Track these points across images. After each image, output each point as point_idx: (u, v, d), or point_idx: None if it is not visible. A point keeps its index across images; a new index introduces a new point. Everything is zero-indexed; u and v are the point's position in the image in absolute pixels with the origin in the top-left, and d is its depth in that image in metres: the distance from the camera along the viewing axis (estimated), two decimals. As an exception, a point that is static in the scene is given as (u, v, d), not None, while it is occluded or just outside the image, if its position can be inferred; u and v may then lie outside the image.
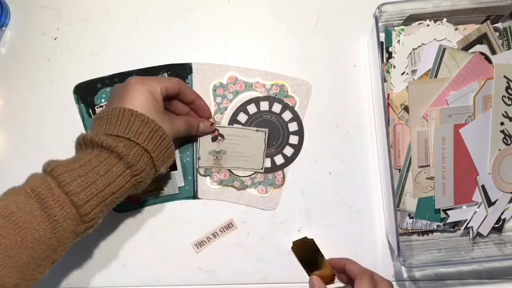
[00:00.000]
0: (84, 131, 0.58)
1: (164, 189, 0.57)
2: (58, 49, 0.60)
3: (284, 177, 0.58)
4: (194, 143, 0.58)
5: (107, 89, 0.58)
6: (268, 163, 0.58)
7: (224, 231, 0.57)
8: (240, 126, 0.58)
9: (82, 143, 0.46)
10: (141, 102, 0.47)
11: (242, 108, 0.58)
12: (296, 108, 0.58)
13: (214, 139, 0.57)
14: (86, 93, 0.58)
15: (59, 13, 0.60)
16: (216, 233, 0.57)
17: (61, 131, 0.58)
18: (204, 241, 0.56)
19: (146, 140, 0.46)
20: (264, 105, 0.58)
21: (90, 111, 0.58)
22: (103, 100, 0.58)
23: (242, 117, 0.58)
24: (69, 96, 0.58)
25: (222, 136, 0.57)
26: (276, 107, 0.58)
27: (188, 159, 0.58)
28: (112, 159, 0.44)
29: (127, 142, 0.45)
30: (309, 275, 0.55)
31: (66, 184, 0.42)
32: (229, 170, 0.58)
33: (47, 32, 0.60)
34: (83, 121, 0.58)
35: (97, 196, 0.44)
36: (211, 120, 0.57)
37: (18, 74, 0.59)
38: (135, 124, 0.46)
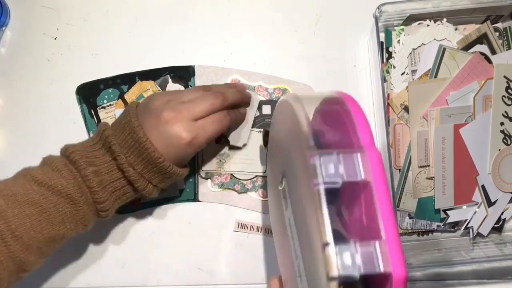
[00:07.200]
0: (85, 132, 0.58)
1: (165, 191, 0.57)
2: (58, 49, 0.60)
3: (284, 178, 0.57)
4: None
5: (110, 90, 0.58)
6: (269, 166, 0.58)
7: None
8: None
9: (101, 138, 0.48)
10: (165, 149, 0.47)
11: (244, 111, 0.58)
12: None
13: (217, 141, 0.57)
14: (88, 94, 0.58)
15: (59, 13, 0.60)
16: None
17: (61, 131, 0.58)
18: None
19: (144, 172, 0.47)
20: (266, 109, 0.58)
21: (92, 112, 0.58)
22: (105, 101, 0.58)
23: (244, 121, 0.58)
24: (69, 96, 0.58)
25: (225, 137, 0.57)
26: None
27: (189, 161, 0.57)
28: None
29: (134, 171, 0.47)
30: None
31: (89, 180, 0.45)
32: (230, 173, 0.57)
33: (47, 32, 0.60)
34: (85, 121, 0.58)
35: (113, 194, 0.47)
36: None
37: (18, 74, 0.59)
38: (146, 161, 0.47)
